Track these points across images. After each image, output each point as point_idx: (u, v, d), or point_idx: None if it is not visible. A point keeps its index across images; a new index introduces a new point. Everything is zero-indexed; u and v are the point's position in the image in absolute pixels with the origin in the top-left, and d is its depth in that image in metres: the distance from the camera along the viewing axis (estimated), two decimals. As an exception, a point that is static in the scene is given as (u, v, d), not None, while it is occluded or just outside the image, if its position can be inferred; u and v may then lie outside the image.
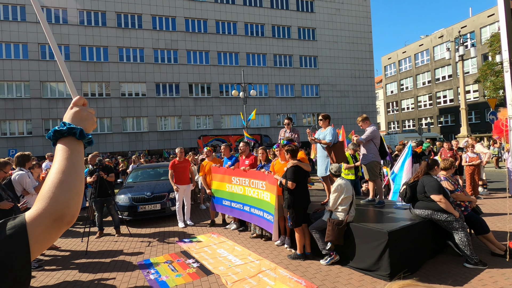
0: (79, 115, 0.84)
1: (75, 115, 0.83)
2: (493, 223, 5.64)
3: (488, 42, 24.47)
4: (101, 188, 6.19)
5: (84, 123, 0.83)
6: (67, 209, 0.69)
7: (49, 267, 4.80)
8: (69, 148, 0.76)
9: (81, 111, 0.85)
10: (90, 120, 0.86)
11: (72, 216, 0.70)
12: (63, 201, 0.69)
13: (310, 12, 31.78)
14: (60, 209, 0.68)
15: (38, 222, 0.65)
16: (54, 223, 0.67)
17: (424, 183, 4.29)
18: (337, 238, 4.10)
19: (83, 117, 0.84)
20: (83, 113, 0.84)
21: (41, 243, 0.66)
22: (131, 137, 26.20)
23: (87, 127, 0.84)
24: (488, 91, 24.28)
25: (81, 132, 0.79)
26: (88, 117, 0.85)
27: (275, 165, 5.28)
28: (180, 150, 7.10)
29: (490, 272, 3.76)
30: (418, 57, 38.77)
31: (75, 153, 0.77)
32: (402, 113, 41.70)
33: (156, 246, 5.63)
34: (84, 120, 0.84)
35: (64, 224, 0.69)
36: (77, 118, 0.83)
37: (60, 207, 0.68)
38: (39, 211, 0.67)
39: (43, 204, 0.67)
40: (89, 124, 0.85)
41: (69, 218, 0.70)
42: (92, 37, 25.25)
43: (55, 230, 0.68)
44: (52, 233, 0.67)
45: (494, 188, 9.51)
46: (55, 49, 0.89)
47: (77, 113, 0.84)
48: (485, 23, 30.67)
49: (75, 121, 0.82)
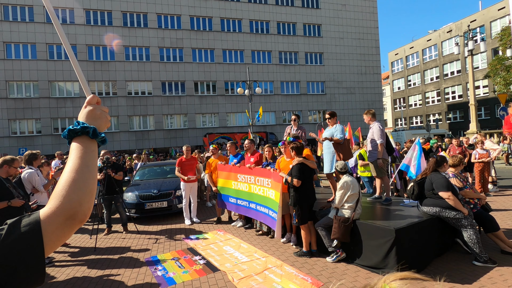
0: (93, 114, 0.85)
1: (89, 114, 0.84)
2: (503, 221, 5.55)
3: (498, 36, 23.92)
4: (109, 185, 6.28)
5: (97, 121, 0.84)
6: (79, 208, 0.70)
7: (59, 263, 4.90)
8: (83, 147, 0.78)
9: (95, 109, 0.86)
10: (104, 119, 0.87)
11: (84, 215, 0.71)
12: (76, 200, 0.70)
13: (316, 8, 31.50)
14: (73, 208, 0.69)
15: (52, 220, 0.66)
16: (67, 221, 0.68)
17: (432, 180, 4.23)
18: (344, 236, 4.08)
19: (97, 116, 0.85)
20: (97, 112, 0.86)
21: (54, 241, 0.67)
22: (137, 136, 26.45)
23: (100, 126, 0.85)
24: (498, 86, 23.77)
25: (94, 131, 0.80)
26: (101, 115, 0.86)
27: (280, 163, 5.27)
28: (186, 148, 7.14)
29: (500, 270, 3.70)
30: (426, 53, 38.13)
31: (89, 152, 0.78)
32: (409, 110, 41.15)
33: (163, 243, 5.68)
34: (98, 119, 0.85)
35: (76, 223, 0.70)
36: (90, 117, 0.84)
37: (73, 205, 0.69)
38: (52, 209, 0.68)
39: (56, 203, 0.68)
40: (103, 123, 0.86)
41: (82, 217, 0.70)
42: (99, 36, 25.49)
43: (68, 228, 0.69)
44: (65, 231, 0.68)
45: (504, 185, 9.33)
46: (68, 48, 0.90)
47: (91, 112, 0.85)
48: (495, 16, 29.97)
49: (89, 120, 0.83)
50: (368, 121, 5.39)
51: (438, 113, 36.95)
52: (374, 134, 5.21)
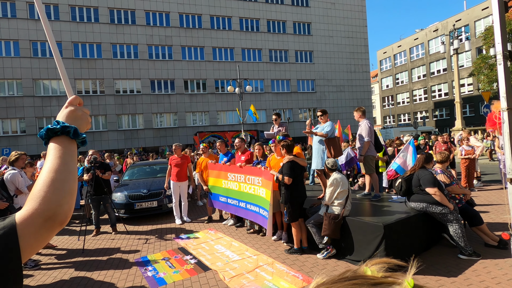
0: (74, 114, 0.82)
1: (69, 114, 0.81)
2: (487, 215, 5.72)
3: (482, 35, 24.55)
4: (97, 186, 6.16)
5: (78, 122, 0.82)
6: (59, 209, 0.67)
7: (46, 266, 4.79)
8: (62, 147, 0.75)
9: (76, 110, 0.83)
10: (85, 120, 0.84)
11: (64, 216, 0.68)
12: (55, 201, 0.67)
13: (305, 7, 31.61)
14: (52, 209, 0.66)
15: (29, 223, 0.63)
16: (46, 223, 0.65)
17: (419, 176, 4.33)
18: (334, 232, 4.13)
19: (78, 116, 0.82)
20: (78, 113, 0.83)
21: (33, 244, 0.63)
22: (126, 135, 26.03)
23: (81, 127, 0.82)
24: (482, 84, 24.45)
25: (75, 131, 0.77)
26: (82, 116, 0.83)
27: (271, 161, 5.28)
28: (175, 146, 7.08)
29: (483, 263, 3.82)
30: (413, 51, 38.85)
31: (68, 152, 0.75)
32: (397, 107, 41.89)
33: (153, 243, 5.63)
34: (79, 120, 0.82)
35: (56, 225, 0.67)
36: (71, 117, 0.81)
37: (52, 206, 0.66)
38: (29, 211, 0.64)
39: (34, 204, 0.65)
40: (83, 124, 0.84)
41: (62, 218, 0.67)
42: (85, 33, 24.90)
43: (47, 231, 0.66)
44: (43, 234, 0.65)
45: (488, 180, 9.63)
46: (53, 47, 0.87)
47: (72, 112, 0.82)
48: (479, 16, 30.76)
49: (69, 120, 0.81)
50: (358, 118, 5.48)
51: (425, 111, 37.76)
52: (362, 131, 5.31)
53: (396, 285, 0.33)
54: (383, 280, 0.34)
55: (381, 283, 0.33)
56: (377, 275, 0.35)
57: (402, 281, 0.33)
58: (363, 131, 5.30)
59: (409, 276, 0.34)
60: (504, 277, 3.43)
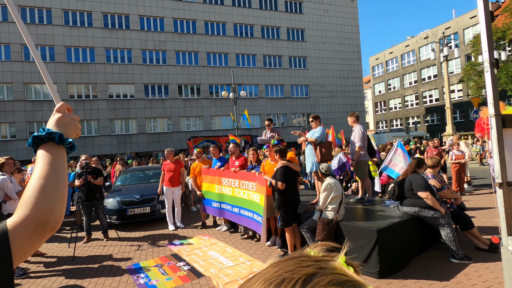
0: (61, 121, 0.82)
1: (56, 121, 0.82)
2: (478, 219, 5.81)
3: (470, 43, 25.19)
4: (88, 191, 6.06)
5: (65, 128, 0.81)
6: (50, 215, 0.67)
7: (34, 274, 4.67)
8: (50, 153, 0.74)
9: (63, 116, 0.83)
10: (73, 126, 0.84)
11: (56, 222, 0.68)
12: (46, 207, 0.67)
13: (299, 13, 32.03)
14: (43, 215, 0.66)
15: (20, 229, 0.63)
16: (38, 229, 0.65)
17: (411, 181, 4.38)
18: (327, 237, 4.14)
19: (65, 122, 0.82)
20: (65, 119, 0.83)
21: (24, 250, 0.63)
22: (119, 139, 25.77)
23: (68, 133, 0.82)
24: (471, 91, 25.00)
25: (60, 137, 0.77)
26: (70, 123, 0.83)
27: (265, 166, 5.29)
28: (167, 151, 7.04)
29: (475, 267, 3.86)
30: (405, 58, 39.58)
31: (57, 158, 0.75)
32: (390, 113, 42.47)
33: (146, 249, 5.55)
34: (66, 126, 0.82)
35: (47, 230, 0.67)
36: (58, 124, 0.81)
37: (43, 212, 0.66)
38: (21, 218, 0.64)
39: (25, 210, 0.65)
40: (71, 130, 0.83)
41: (53, 224, 0.67)
42: (78, 37, 24.74)
43: (38, 237, 0.66)
44: (35, 240, 0.65)
45: (478, 184, 9.79)
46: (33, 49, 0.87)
47: (59, 119, 0.82)
48: (468, 24, 31.59)
49: (56, 127, 0.81)
50: (352, 123, 5.53)
51: (417, 116, 38.36)
52: (355, 137, 5.37)
53: (332, 261, 0.42)
54: (322, 258, 0.43)
55: (321, 260, 0.42)
56: (318, 255, 0.45)
57: (337, 258, 0.42)
58: (356, 137, 5.36)
59: (342, 254, 0.43)
60: (495, 280, 3.47)
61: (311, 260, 0.42)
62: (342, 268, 0.41)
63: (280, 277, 0.38)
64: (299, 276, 0.38)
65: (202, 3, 28.45)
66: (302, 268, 0.39)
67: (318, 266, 0.40)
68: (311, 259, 0.42)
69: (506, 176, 2.13)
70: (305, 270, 0.39)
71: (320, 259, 0.43)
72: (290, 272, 0.39)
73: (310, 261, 0.42)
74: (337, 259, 0.43)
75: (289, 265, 0.41)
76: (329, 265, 0.41)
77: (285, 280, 0.37)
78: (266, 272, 0.41)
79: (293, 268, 0.40)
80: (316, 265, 0.40)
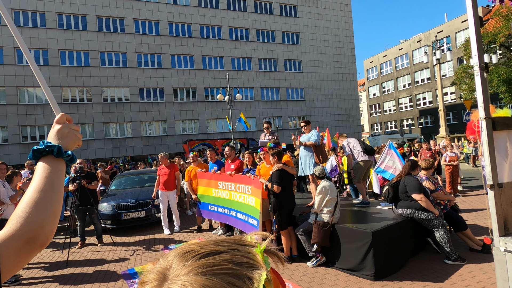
0: (60, 133, 0.82)
1: (56, 133, 0.81)
2: (470, 220, 5.87)
3: (462, 46, 25.62)
4: (83, 196, 6.00)
5: (64, 140, 0.81)
6: (40, 230, 0.65)
7: (27, 281, 4.59)
8: (49, 167, 0.74)
9: (62, 128, 0.82)
10: (73, 137, 0.83)
11: (45, 238, 0.66)
12: (37, 222, 0.65)
13: (294, 17, 32.28)
14: (33, 230, 0.64)
15: (9, 244, 0.61)
16: (26, 245, 0.63)
17: (405, 183, 4.42)
18: (323, 240, 4.15)
19: (64, 134, 0.82)
20: (64, 130, 0.82)
21: (10, 267, 0.61)
22: (114, 143, 25.58)
23: (68, 144, 0.81)
24: (464, 93, 25.38)
25: (59, 150, 0.76)
26: (69, 134, 0.83)
27: (261, 169, 5.29)
28: (160, 156, 7.04)
29: (468, 268, 3.90)
30: (398, 61, 40.05)
31: (54, 172, 0.74)
32: (384, 115, 42.85)
33: (141, 254, 5.50)
34: (65, 138, 0.82)
35: (36, 247, 0.65)
36: (57, 135, 0.81)
37: (34, 228, 0.64)
38: (10, 232, 0.63)
39: (16, 225, 0.64)
40: (71, 141, 0.83)
41: (42, 240, 0.66)
42: (72, 41, 24.60)
43: (26, 253, 0.64)
44: (22, 257, 0.63)
45: (471, 186, 9.91)
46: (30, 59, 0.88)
47: (58, 130, 0.82)
48: (460, 28, 32.13)
49: (55, 139, 0.80)
50: (341, 144, 6.28)
51: (411, 118, 38.76)
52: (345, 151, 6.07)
53: (249, 246, 0.45)
54: (245, 242, 0.46)
55: (243, 243, 0.45)
56: (251, 241, 0.48)
57: (257, 244, 0.46)
58: (346, 151, 5.96)
59: (263, 243, 0.46)
60: (489, 281, 3.51)
61: (234, 243, 0.45)
62: (253, 253, 0.44)
63: (190, 248, 0.42)
64: (205, 251, 0.41)
65: (198, 7, 28.54)
66: (215, 246, 0.43)
67: (231, 247, 0.43)
68: (235, 242, 0.46)
69: (496, 178, 2.17)
70: (216, 248, 0.42)
71: (243, 243, 0.46)
72: (202, 246, 0.43)
73: (230, 243, 0.45)
74: (256, 245, 0.45)
75: (210, 242, 0.45)
76: (243, 248, 0.44)
77: (191, 251, 0.41)
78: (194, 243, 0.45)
79: (208, 245, 0.43)
80: (231, 246, 0.44)
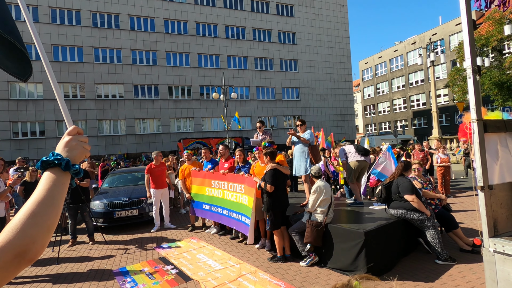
0: (68, 145, 0.84)
1: (65, 145, 0.84)
2: (461, 221, 5.95)
3: (456, 49, 25.92)
4: (74, 194, 5.92)
5: (72, 152, 0.83)
6: (32, 245, 0.63)
7: (16, 280, 4.51)
8: (53, 179, 0.75)
9: (71, 140, 0.85)
10: (80, 150, 0.85)
11: (35, 254, 0.64)
12: (30, 235, 0.63)
13: (290, 17, 32.30)
14: (24, 244, 0.62)
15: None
16: (15, 259, 0.61)
17: (398, 184, 4.46)
18: (316, 240, 4.16)
19: (72, 146, 0.84)
20: (73, 143, 0.85)
21: None
22: (107, 140, 25.31)
23: (75, 157, 0.83)
24: (456, 95, 25.70)
25: (67, 164, 0.77)
26: (77, 146, 0.85)
27: (255, 168, 5.28)
28: (157, 153, 7.08)
29: (459, 268, 3.95)
30: (393, 62, 40.40)
31: (58, 185, 0.75)
32: (378, 116, 43.20)
33: (133, 253, 5.45)
34: (73, 150, 0.84)
35: (25, 262, 0.63)
36: (65, 147, 0.83)
37: (26, 241, 0.62)
38: (1, 244, 0.61)
39: (8, 237, 0.62)
40: (79, 154, 0.85)
41: (32, 255, 0.64)
42: (66, 36, 24.24)
43: (14, 268, 0.61)
44: (9, 271, 0.61)
45: (463, 187, 10.04)
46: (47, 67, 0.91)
47: (67, 142, 0.84)
48: (454, 31, 32.53)
49: (63, 151, 0.82)
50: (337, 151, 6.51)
51: (405, 120, 39.15)
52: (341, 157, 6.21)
53: None
54: None
55: None
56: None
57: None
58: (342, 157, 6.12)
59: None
60: (478, 281, 3.56)
61: None
62: None
63: None
64: None
65: (194, 4, 28.35)
66: None
67: None
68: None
69: (487, 179, 2.20)
70: None
71: None
72: None
73: None
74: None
75: None
76: None
77: None
78: None
79: None
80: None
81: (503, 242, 2.03)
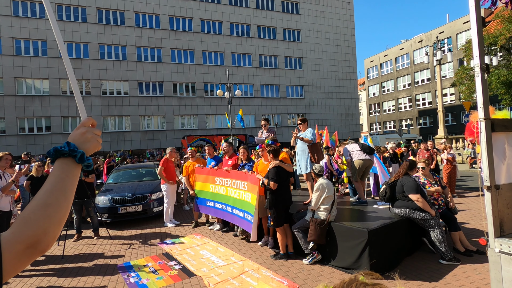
0: (83, 137, 0.83)
1: (79, 136, 0.83)
2: (466, 220, 5.90)
3: (463, 47, 25.58)
4: (79, 189, 5.97)
5: (86, 145, 0.83)
6: (43, 237, 0.65)
7: (22, 273, 4.58)
8: (66, 170, 0.75)
9: (86, 132, 0.84)
10: (94, 143, 0.85)
11: (46, 245, 0.66)
12: (42, 227, 0.65)
13: (295, 14, 32.10)
14: (36, 235, 0.64)
15: (12, 247, 0.61)
16: (27, 250, 0.63)
17: (403, 183, 4.43)
18: (319, 238, 4.16)
19: (87, 139, 0.84)
20: (88, 135, 0.84)
21: (10, 271, 0.60)
22: (112, 137, 25.50)
23: (89, 149, 0.83)
24: (463, 95, 25.39)
25: (81, 156, 0.77)
26: (91, 139, 0.85)
27: (258, 166, 5.29)
28: (171, 149, 7.48)
29: (463, 268, 3.93)
30: (399, 61, 40.00)
31: (70, 177, 0.75)
32: (383, 115, 42.88)
33: (137, 248, 5.50)
34: (87, 142, 0.83)
35: (37, 252, 0.65)
36: (80, 139, 0.83)
37: (38, 232, 0.64)
38: (15, 234, 0.62)
39: (20, 227, 0.63)
40: (92, 146, 0.85)
41: (43, 247, 0.65)
42: (72, 32, 24.38)
43: (26, 258, 0.63)
44: (22, 261, 0.63)
45: (468, 187, 9.95)
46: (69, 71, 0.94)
47: (82, 134, 0.83)
48: (461, 29, 32.07)
49: (78, 142, 0.81)
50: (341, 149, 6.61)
51: (410, 119, 38.82)
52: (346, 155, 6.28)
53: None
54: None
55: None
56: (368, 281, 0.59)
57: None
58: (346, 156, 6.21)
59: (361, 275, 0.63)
60: (482, 282, 3.54)
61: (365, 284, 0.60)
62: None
63: None
64: None
65: (199, 1, 28.32)
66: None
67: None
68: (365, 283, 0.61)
69: (494, 179, 2.17)
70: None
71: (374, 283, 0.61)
72: None
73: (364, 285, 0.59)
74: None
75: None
76: None
77: None
78: None
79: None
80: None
81: (509, 242, 2.01)
